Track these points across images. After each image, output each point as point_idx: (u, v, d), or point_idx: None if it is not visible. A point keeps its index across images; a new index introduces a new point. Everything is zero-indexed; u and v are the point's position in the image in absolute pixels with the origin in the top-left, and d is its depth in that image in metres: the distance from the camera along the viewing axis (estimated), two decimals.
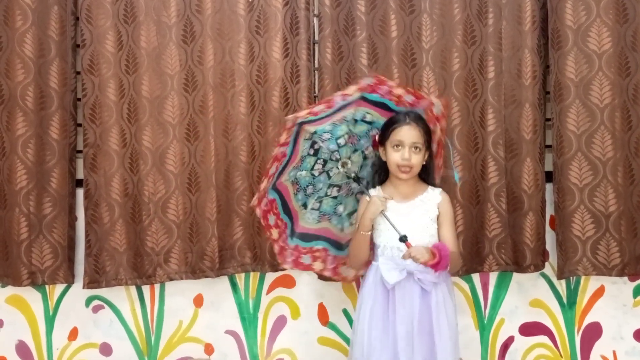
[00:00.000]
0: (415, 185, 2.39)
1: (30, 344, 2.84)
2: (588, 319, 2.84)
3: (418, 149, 2.31)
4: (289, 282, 2.85)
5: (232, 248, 2.75)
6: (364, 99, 2.37)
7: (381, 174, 2.43)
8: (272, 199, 2.45)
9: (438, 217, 2.37)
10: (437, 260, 2.21)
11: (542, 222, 2.75)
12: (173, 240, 2.74)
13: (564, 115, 2.69)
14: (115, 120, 2.71)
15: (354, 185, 2.48)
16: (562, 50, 2.67)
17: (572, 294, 2.84)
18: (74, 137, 2.77)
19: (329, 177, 2.48)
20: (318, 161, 2.46)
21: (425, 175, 2.41)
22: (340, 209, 2.52)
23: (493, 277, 2.85)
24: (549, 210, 2.80)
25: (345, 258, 2.51)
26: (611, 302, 2.84)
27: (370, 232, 2.33)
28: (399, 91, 2.36)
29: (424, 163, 2.37)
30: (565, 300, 2.85)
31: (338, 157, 2.45)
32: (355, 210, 2.49)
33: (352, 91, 2.34)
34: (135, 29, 2.70)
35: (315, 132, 2.41)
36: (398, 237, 2.25)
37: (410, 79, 2.71)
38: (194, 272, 2.76)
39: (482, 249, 2.75)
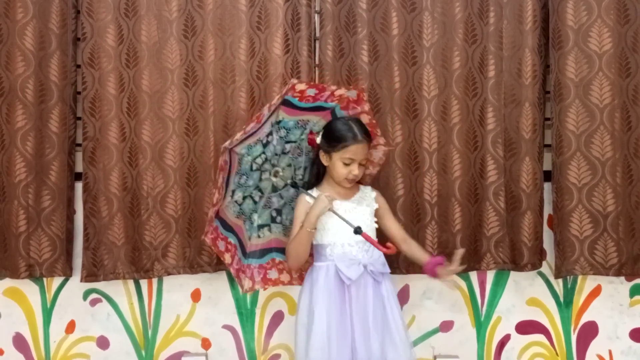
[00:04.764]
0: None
1: (28, 337, 2.84)
2: (584, 318, 2.85)
3: (365, 162, 2.42)
4: None
5: None
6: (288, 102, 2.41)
7: (319, 176, 2.49)
8: (215, 226, 2.48)
9: (377, 210, 2.49)
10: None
11: (540, 221, 2.76)
12: (171, 235, 2.74)
13: (564, 115, 2.69)
14: (115, 114, 2.70)
15: (274, 199, 2.54)
16: (563, 50, 2.68)
17: (569, 293, 2.85)
18: (74, 131, 2.77)
19: (260, 179, 2.51)
20: (261, 155, 2.48)
21: None
22: (255, 217, 2.54)
23: (490, 275, 2.86)
24: (547, 210, 2.81)
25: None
26: (608, 301, 2.85)
27: (314, 230, 2.37)
28: (301, 87, 2.39)
29: None
30: (562, 299, 2.85)
31: (275, 163, 2.51)
32: (265, 225, 2.55)
33: (276, 100, 2.37)
34: (136, 23, 2.70)
35: (280, 121, 2.44)
36: (352, 230, 2.32)
37: (411, 76, 2.71)
38: (192, 266, 2.76)
39: (479, 247, 2.76)
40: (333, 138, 2.39)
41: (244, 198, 2.52)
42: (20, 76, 2.68)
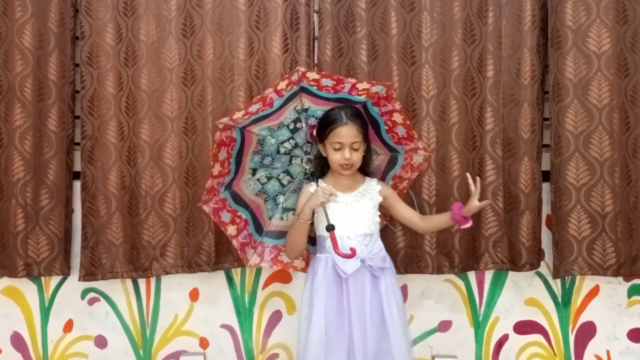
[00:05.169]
0: (355, 177, 2.46)
1: (26, 336, 2.84)
2: (582, 318, 2.85)
3: (357, 146, 2.37)
4: (285, 277, 2.86)
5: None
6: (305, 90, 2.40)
7: (324, 167, 2.48)
8: (222, 198, 2.48)
9: (385, 201, 2.47)
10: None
11: (539, 221, 2.76)
12: (169, 234, 2.74)
13: (562, 115, 2.69)
14: (114, 113, 2.70)
15: (305, 184, 2.53)
16: (562, 50, 2.68)
17: (567, 293, 2.85)
18: (72, 130, 2.76)
19: (290, 163, 2.52)
20: (290, 140, 2.48)
21: (363, 166, 2.47)
22: (281, 198, 2.56)
23: (489, 275, 2.86)
24: (546, 210, 2.81)
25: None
26: (606, 301, 2.85)
27: (309, 222, 2.37)
28: (313, 75, 2.38)
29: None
30: (560, 299, 2.86)
31: (308, 150, 2.50)
32: (291, 209, 2.55)
33: (284, 86, 2.35)
34: (135, 22, 2.70)
35: (307, 109, 2.44)
36: (326, 225, 2.32)
37: (410, 76, 2.71)
38: (190, 266, 2.76)
39: (478, 247, 2.76)
40: (322, 126, 2.39)
41: (269, 178, 2.52)
42: (18, 75, 2.67)
